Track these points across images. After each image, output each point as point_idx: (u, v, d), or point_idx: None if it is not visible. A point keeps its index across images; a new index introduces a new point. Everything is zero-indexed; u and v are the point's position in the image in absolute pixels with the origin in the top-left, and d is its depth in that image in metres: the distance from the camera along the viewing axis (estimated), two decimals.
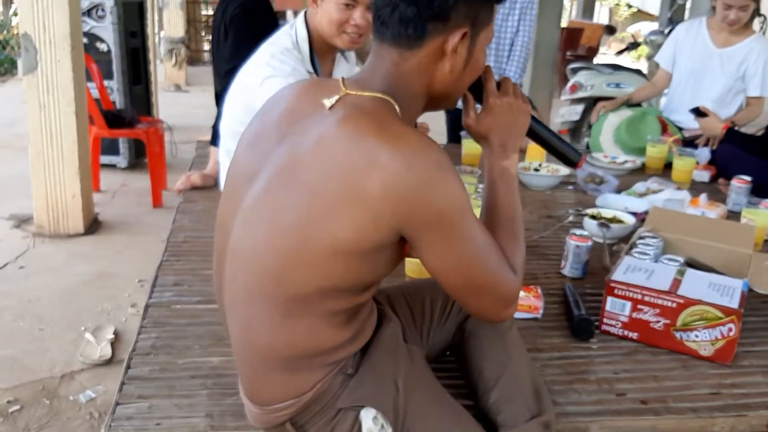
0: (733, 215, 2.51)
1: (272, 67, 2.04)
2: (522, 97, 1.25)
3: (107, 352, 2.67)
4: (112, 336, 2.77)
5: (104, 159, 5.04)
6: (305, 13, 2.12)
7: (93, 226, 4.11)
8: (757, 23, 4.54)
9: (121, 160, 5.31)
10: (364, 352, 1.18)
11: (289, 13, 10.03)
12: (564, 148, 1.36)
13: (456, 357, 1.44)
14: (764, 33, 4.79)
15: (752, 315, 1.72)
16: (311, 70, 2.10)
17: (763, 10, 4.64)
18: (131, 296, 3.22)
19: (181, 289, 1.79)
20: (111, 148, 5.16)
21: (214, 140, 2.57)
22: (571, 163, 1.37)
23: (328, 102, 1.09)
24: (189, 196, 2.50)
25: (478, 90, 1.24)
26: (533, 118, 1.28)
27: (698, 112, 3.05)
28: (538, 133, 1.32)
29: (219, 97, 3.03)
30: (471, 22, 1.09)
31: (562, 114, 5.47)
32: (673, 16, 6.24)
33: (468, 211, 1.05)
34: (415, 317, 1.39)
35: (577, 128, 5.46)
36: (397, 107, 1.10)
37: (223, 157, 2.27)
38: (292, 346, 1.11)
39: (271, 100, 1.23)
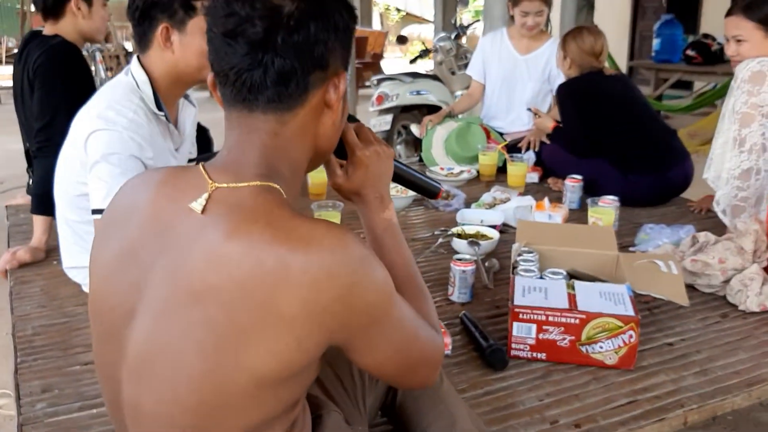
0: (573, 213, 2.69)
1: (103, 119, 1.80)
2: (382, 140, 1.19)
3: None
4: None
5: None
6: (137, 57, 1.92)
7: None
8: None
9: None
10: None
11: None
12: (424, 182, 1.34)
13: (392, 419, 1.37)
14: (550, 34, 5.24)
15: None
16: (159, 111, 1.90)
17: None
18: None
19: (54, 396, 1.53)
20: None
21: (40, 208, 2.25)
22: (432, 195, 1.36)
23: (197, 205, 0.90)
24: (19, 275, 2.17)
25: (337, 145, 1.13)
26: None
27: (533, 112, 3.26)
28: (400, 173, 1.28)
29: (30, 156, 2.70)
30: (343, 65, 0.99)
31: (373, 125, 5.56)
32: (456, 22, 6.59)
33: (395, 295, 0.95)
34: (347, 389, 1.29)
35: (388, 137, 5.59)
36: (282, 191, 0.95)
37: (66, 226, 2.00)
38: None
39: (120, 207, 1.02)
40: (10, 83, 2.82)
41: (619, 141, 2.90)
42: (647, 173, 2.83)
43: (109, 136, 1.77)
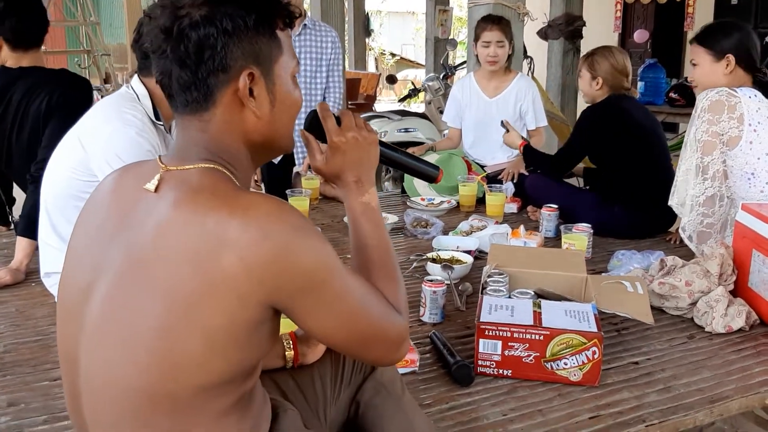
0: (549, 240, 2.73)
1: (121, 120, 1.92)
2: (366, 126, 1.19)
3: None
4: None
5: None
6: (138, 75, 2.03)
7: None
8: (525, 65, 5.05)
9: None
10: None
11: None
12: (420, 166, 1.33)
13: None
14: (532, 73, 5.34)
15: None
16: (157, 121, 2.02)
17: (529, 52, 5.16)
18: None
19: (20, 409, 1.54)
20: None
21: (28, 231, 2.27)
22: (431, 179, 1.35)
23: (150, 185, 0.99)
24: None
25: (319, 129, 1.18)
26: (383, 143, 1.24)
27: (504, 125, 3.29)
28: (391, 158, 1.29)
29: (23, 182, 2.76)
30: (254, 61, 1.02)
31: None
32: (445, 63, 6.71)
33: (337, 266, 0.99)
34: (308, 400, 1.31)
35: (377, 172, 5.65)
36: (227, 172, 1.03)
37: (50, 229, 2.06)
38: None
39: (92, 197, 1.12)
40: None
41: (624, 172, 2.87)
42: (636, 209, 2.82)
43: (125, 137, 1.88)
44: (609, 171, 2.93)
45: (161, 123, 2.02)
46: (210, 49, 0.98)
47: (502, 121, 3.29)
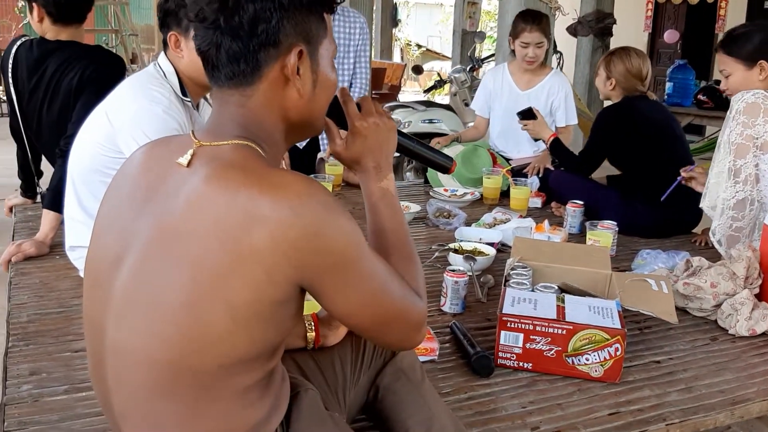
0: (573, 237, 2.70)
1: (148, 98, 1.93)
2: (386, 113, 1.21)
3: None
4: None
5: None
6: (165, 52, 2.04)
7: None
8: (554, 60, 5.00)
9: None
10: (285, 430, 1.09)
11: None
12: (435, 157, 1.34)
13: (373, 417, 1.38)
14: (561, 68, 5.29)
15: None
16: (184, 97, 2.03)
17: (559, 47, 5.12)
18: None
19: (41, 378, 1.55)
20: None
21: (54, 204, 2.29)
22: (444, 170, 1.35)
23: (183, 159, 1.00)
24: (21, 267, 2.20)
25: (339, 115, 1.19)
26: (399, 132, 1.24)
27: (526, 115, 3.22)
28: (407, 147, 1.29)
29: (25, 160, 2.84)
30: (304, 39, 1.03)
31: None
32: (472, 55, 6.68)
33: (364, 247, 1.00)
34: (328, 381, 1.31)
35: (398, 163, 5.64)
36: (260, 150, 1.03)
37: (76, 204, 2.06)
38: None
39: (121, 170, 1.13)
40: None
41: (641, 171, 2.90)
42: (658, 207, 2.79)
43: (152, 115, 1.89)
44: (627, 170, 2.94)
45: (188, 99, 2.03)
46: (265, 22, 0.98)
47: (530, 108, 3.23)
